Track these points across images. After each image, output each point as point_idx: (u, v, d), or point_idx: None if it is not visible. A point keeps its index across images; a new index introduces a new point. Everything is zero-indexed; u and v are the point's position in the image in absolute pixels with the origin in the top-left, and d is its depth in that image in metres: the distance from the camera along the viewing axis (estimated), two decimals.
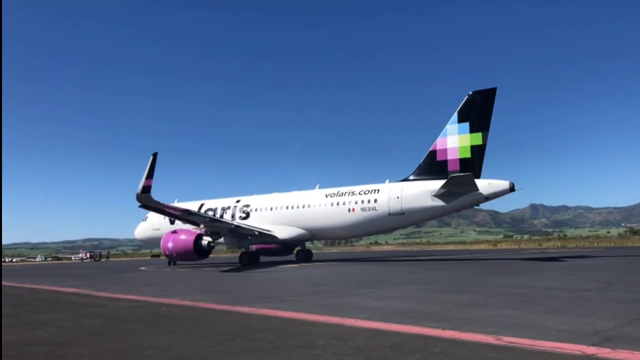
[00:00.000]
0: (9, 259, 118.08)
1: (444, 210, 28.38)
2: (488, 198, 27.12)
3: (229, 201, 36.76)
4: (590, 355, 4.91)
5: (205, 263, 36.26)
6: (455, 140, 28.20)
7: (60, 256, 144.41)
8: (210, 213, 35.64)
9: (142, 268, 34.49)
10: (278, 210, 33.69)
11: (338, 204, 31.12)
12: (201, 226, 31.07)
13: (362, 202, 30.18)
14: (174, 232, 30.70)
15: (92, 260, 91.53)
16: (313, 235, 33.25)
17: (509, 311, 7.91)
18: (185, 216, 29.91)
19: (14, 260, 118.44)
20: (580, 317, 7.11)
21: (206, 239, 30.15)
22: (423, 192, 28.14)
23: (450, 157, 28.29)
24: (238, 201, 36.22)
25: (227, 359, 5.45)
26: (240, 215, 34.96)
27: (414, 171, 30.13)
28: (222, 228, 31.01)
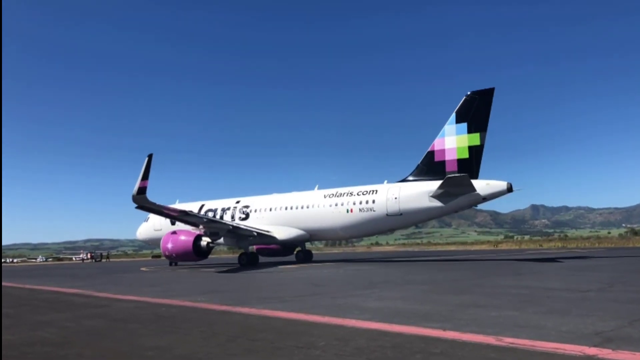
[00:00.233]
0: (10, 260, 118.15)
1: (442, 211, 28.33)
2: (486, 199, 27.04)
3: (229, 202, 36.80)
4: (591, 356, 4.91)
5: (205, 264, 36.27)
6: (453, 140, 28.13)
7: (61, 257, 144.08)
8: (210, 214, 35.71)
9: (143, 269, 34.51)
10: (277, 211, 33.70)
11: (336, 205, 31.12)
12: (200, 227, 31.11)
13: (360, 203, 30.16)
14: (174, 233, 30.72)
15: (93, 260, 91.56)
16: (312, 236, 33.27)
17: (510, 312, 7.92)
18: (182, 217, 29.93)
19: (15, 260, 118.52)
20: (581, 318, 7.11)
21: (205, 240, 30.17)
22: (421, 193, 28.10)
23: (448, 158, 28.23)
24: (238, 202, 36.26)
25: None
26: (239, 216, 34.98)
27: (412, 172, 30.09)
28: (221, 229, 31.02)
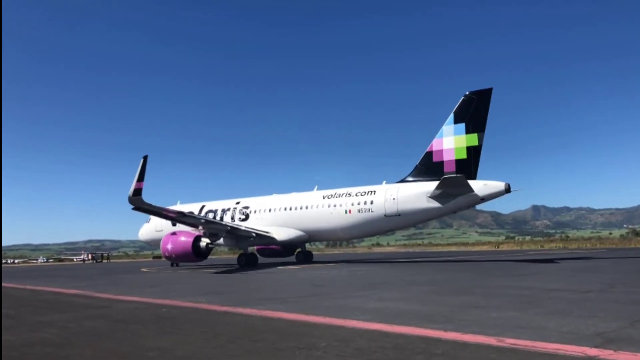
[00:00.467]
0: (11, 260, 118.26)
1: (440, 211, 28.23)
2: (484, 199, 26.94)
3: (229, 203, 36.87)
4: (592, 357, 4.91)
5: (206, 264, 36.33)
6: (451, 141, 28.05)
7: (62, 257, 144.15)
8: (210, 215, 35.79)
9: (144, 269, 34.54)
10: (276, 211, 33.73)
11: (335, 206, 31.12)
12: (200, 228, 31.12)
13: (359, 204, 30.12)
14: (173, 234, 30.74)
15: (94, 261, 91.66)
16: (311, 236, 33.26)
17: (511, 313, 7.91)
18: (180, 218, 30.03)
19: (16, 261, 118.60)
20: (582, 319, 7.10)
21: (204, 241, 30.18)
22: (419, 194, 28.01)
23: (446, 159, 28.14)
24: (238, 203, 36.33)
25: None
26: (239, 216, 35.04)
27: (411, 172, 30.02)
28: (220, 230, 31.12)
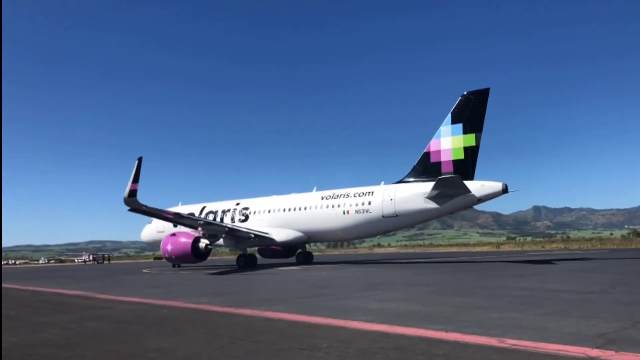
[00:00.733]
0: (12, 261, 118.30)
1: (438, 212, 28.14)
2: (481, 200, 26.84)
3: (229, 204, 36.96)
4: (593, 357, 4.91)
5: (207, 265, 36.36)
6: (448, 141, 27.97)
7: (63, 258, 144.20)
8: (211, 216, 35.90)
9: (145, 270, 34.55)
10: (275, 212, 33.78)
11: (333, 207, 31.14)
12: (199, 229, 31.20)
13: (357, 205, 30.12)
14: (173, 235, 30.77)
15: (95, 262, 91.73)
16: (309, 237, 33.26)
17: (513, 313, 7.91)
18: (177, 219, 30.10)
19: (17, 262, 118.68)
20: (583, 320, 7.10)
21: (204, 242, 30.22)
22: (416, 195, 27.94)
23: (443, 159, 28.08)
24: (238, 204, 36.41)
25: None
26: (239, 217, 35.11)
27: (409, 173, 29.97)
28: (218, 231, 31.24)
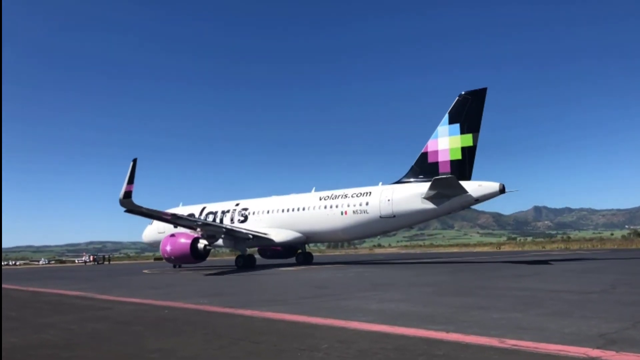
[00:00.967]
0: (13, 262, 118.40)
1: (435, 212, 28.03)
2: (478, 200, 26.73)
3: (229, 204, 37.03)
4: (594, 358, 4.90)
5: (208, 266, 36.37)
6: (446, 142, 27.91)
7: (63, 259, 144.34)
8: (211, 216, 36.01)
9: (145, 271, 34.56)
10: (274, 213, 33.80)
11: (331, 207, 31.15)
12: (198, 230, 31.23)
13: (354, 205, 30.10)
14: (172, 236, 30.79)
15: (95, 263, 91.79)
16: (308, 238, 33.24)
17: (513, 314, 7.90)
18: (173, 220, 30.13)
19: (18, 263, 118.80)
20: (584, 320, 7.09)
21: (202, 242, 30.26)
22: (414, 195, 27.88)
23: (441, 159, 28.02)
24: (237, 204, 36.47)
25: None
26: (239, 218, 35.17)
27: (407, 173, 29.89)
28: (216, 231, 31.27)
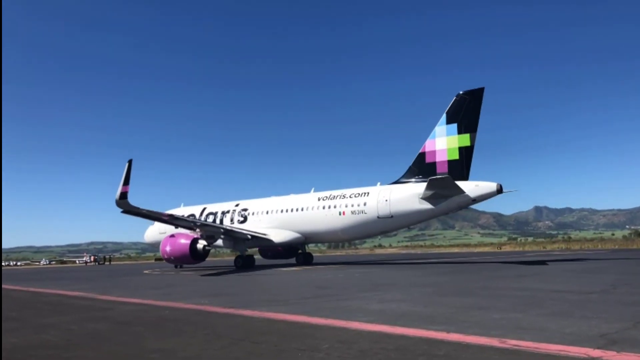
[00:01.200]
0: (14, 263, 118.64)
1: (433, 212, 28.02)
2: (475, 200, 26.72)
3: (229, 205, 37.13)
4: (595, 358, 4.89)
5: (208, 266, 36.40)
6: (443, 142, 27.91)
7: (64, 260, 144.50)
8: (211, 217, 36.18)
9: (146, 271, 34.59)
10: (273, 213, 33.88)
11: (329, 208, 31.19)
12: (197, 230, 31.27)
13: (352, 206, 30.13)
14: (172, 236, 30.84)
15: (96, 263, 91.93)
16: (307, 238, 33.29)
17: (514, 314, 7.89)
18: (172, 221, 30.20)
19: (19, 263, 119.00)
20: (584, 320, 7.08)
21: (202, 243, 30.30)
22: (411, 195, 27.88)
23: (438, 159, 28.00)
24: (237, 205, 36.57)
25: None
26: (238, 218, 35.25)
27: (405, 173, 29.90)
28: (214, 232, 31.34)
